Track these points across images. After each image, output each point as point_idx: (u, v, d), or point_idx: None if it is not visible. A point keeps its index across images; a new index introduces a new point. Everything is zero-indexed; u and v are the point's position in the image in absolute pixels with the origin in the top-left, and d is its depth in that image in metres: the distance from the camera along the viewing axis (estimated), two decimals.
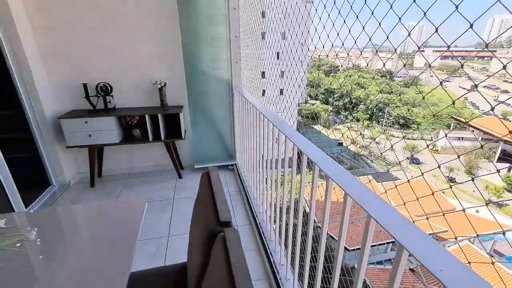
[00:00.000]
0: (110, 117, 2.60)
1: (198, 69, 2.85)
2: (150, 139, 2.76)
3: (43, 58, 2.54)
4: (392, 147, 1.46)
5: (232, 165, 3.27)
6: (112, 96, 2.73)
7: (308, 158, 1.09)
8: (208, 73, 2.92)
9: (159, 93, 2.77)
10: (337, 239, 0.89)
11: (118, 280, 0.72)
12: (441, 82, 0.86)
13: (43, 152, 2.65)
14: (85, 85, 2.56)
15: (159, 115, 2.69)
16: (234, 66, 2.79)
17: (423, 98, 1.21)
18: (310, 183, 1.06)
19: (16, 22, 2.24)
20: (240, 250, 0.61)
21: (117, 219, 1.19)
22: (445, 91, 0.96)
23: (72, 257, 0.90)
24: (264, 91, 3.39)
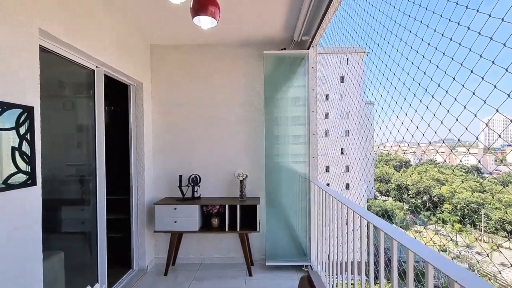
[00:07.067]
0: (195, 205, 2.82)
1: (277, 164, 3.04)
2: (227, 229, 2.79)
3: (154, 154, 3.13)
4: None
5: (306, 266, 2.92)
6: (199, 186, 3.04)
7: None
8: (286, 167, 3.06)
9: (240, 184, 2.96)
10: None
11: None
12: None
13: (133, 235, 2.91)
14: (180, 176, 2.95)
15: (237, 206, 2.80)
16: (312, 161, 2.89)
17: None
18: None
19: (145, 126, 2.94)
20: None
21: None
22: None
23: None
24: (328, 184, 3.32)
